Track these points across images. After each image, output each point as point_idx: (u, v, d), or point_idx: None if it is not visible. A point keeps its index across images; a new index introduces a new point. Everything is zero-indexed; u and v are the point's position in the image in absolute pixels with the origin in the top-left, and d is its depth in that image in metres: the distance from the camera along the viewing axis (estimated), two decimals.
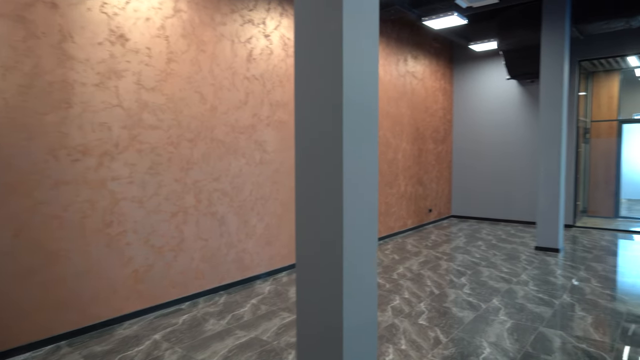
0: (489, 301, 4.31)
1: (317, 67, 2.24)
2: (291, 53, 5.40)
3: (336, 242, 2.20)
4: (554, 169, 6.26)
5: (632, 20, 6.26)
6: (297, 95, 2.34)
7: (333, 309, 2.24)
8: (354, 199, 2.26)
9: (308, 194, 2.31)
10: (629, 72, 9.00)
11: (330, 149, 2.20)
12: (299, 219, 2.38)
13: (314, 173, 2.29)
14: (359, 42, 2.24)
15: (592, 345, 3.32)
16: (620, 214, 9.00)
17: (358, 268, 2.32)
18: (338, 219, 2.19)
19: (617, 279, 5.00)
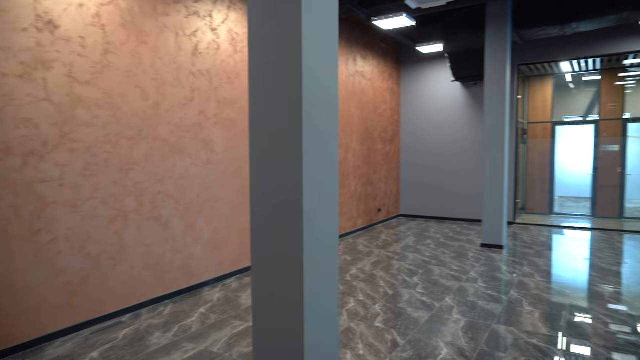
0: (442, 300, 4.33)
1: (274, 61, 2.07)
2: (240, 49, 5.18)
3: (297, 246, 2.05)
4: (498, 168, 6.48)
5: (566, 27, 6.61)
6: (252, 92, 2.17)
7: (293, 315, 2.09)
8: (315, 199, 2.12)
9: (265, 195, 2.15)
10: (561, 78, 9.57)
11: (290, 148, 2.05)
12: (255, 222, 2.21)
13: (271, 173, 2.12)
14: (318, 34, 2.11)
15: (542, 340, 3.41)
16: (554, 210, 9.54)
17: (320, 271, 2.18)
18: (298, 221, 2.04)
19: (558, 273, 5.23)
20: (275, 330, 2.16)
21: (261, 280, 2.20)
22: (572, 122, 9.64)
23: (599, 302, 4.23)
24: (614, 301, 4.24)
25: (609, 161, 8.93)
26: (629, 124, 8.82)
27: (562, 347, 3.27)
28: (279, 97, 2.07)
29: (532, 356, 3.13)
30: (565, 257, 5.98)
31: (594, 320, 3.78)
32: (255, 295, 2.23)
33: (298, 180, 2.03)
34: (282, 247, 2.11)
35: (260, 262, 2.20)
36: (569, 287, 4.68)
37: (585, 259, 5.87)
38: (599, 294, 4.46)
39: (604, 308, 4.06)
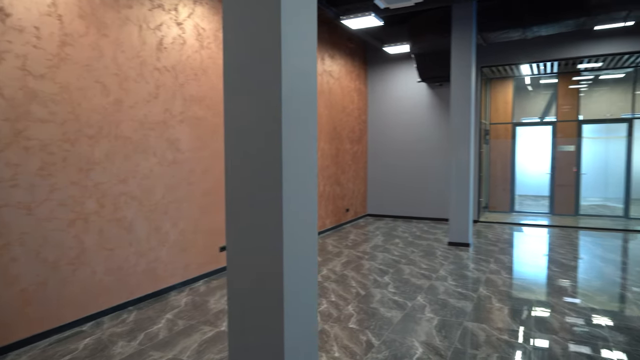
0: (414, 299, 4.35)
1: (252, 57, 1.98)
2: (206, 44, 5.01)
3: (276, 247, 1.97)
4: (464, 168, 6.60)
5: (527, 31, 6.82)
6: (227, 89, 2.06)
7: (272, 319, 2.00)
8: (294, 199, 2.04)
9: (243, 195, 2.04)
10: (521, 80, 9.90)
11: (269, 146, 1.96)
12: (231, 223, 2.10)
13: (249, 173, 2.02)
14: (298, 28, 2.03)
15: (513, 336, 3.46)
16: (515, 208, 9.85)
17: (299, 272, 2.10)
18: (278, 222, 1.95)
19: (522, 269, 5.37)
20: (253, 329, 2.06)
21: (238, 280, 2.10)
22: (532, 123, 9.99)
23: (563, 296, 4.36)
24: (577, 295, 4.38)
25: (565, 161, 9.31)
26: (583, 125, 9.22)
27: (532, 343, 3.33)
28: (256, 95, 1.98)
29: (504, 352, 3.17)
30: (528, 254, 6.16)
31: (559, 314, 3.89)
32: (232, 297, 2.12)
33: (277, 182, 1.94)
34: (262, 245, 2.02)
35: (236, 267, 2.10)
36: (534, 283, 4.81)
37: (545, 254, 6.07)
38: (562, 288, 4.61)
39: (567, 302, 4.19)
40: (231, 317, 2.12)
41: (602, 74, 9.29)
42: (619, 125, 8.95)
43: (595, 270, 5.28)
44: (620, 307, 4.08)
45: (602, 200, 9.84)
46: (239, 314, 2.10)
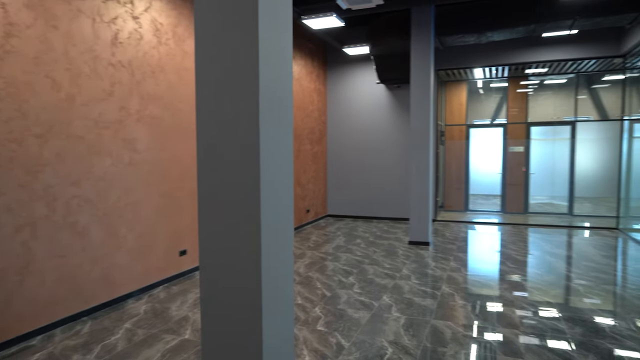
0: (380, 299, 4.37)
1: (226, 55, 1.89)
2: (164, 41, 4.81)
3: (255, 251, 1.88)
4: (424, 168, 6.73)
5: (482, 36, 7.07)
6: (200, 87, 1.96)
7: (251, 319, 1.92)
8: (271, 199, 1.97)
9: (218, 196, 1.95)
10: (474, 83, 10.26)
11: (247, 150, 1.87)
12: (204, 225, 1.99)
13: (225, 174, 1.93)
14: (275, 24, 1.96)
15: (478, 332, 3.55)
16: (469, 207, 10.20)
17: (277, 277, 2.03)
18: (256, 224, 1.87)
19: (481, 266, 5.54)
20: (229, 330, 1.97)
21: (213, 281, 2.00)
22: (484, 125, 10.38)
23: (520, 292, 4.53)
24: (533, 290, 4.57)
25: (515, 161, 9.74)
26: (531, 127, 9.68)
27: (496, 338, 3.42)
28: (232, 95, 1.89)
29: (471, 349, 3.24)
30: (484, 251, 6.37)
31: (519, 309, 4.03)
32: (206, 298, 2.02)
33: (255, 183, 1.87)
34: (237, 255, 1.93)
35: (210, 272, 1.99)
36: (493, 280, 4.97)
37: (500, 251, 6.30)
38: (519, 284, 4.79)
39: (525, 297, 4.36)
40: (205, 318, 2.02)
41: (547, 79, 9.80)
42: (564, 127, 9.47)
43: (546, 265, 5.53)
44: (573, 300, 4.29)
45: (549, 198, 10.37)
46: (214, 315, 2.00)
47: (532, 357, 3.10)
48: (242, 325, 1.93)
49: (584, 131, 9.74)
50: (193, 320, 3.82)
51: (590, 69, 8.83)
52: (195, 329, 3.63)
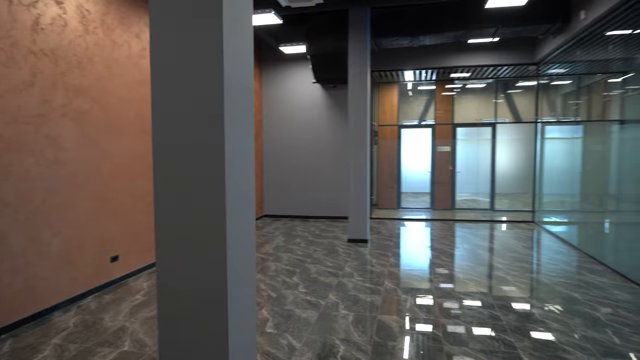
0: (326, 297, 4.37)
1: (188, 53, 1.76)
2: (92, 29, 4.44)
3: (220, 249, 1.78)
4: (362, 167, 6.86)
5: (414, 40, 7.36)
6: (155, 82, 1.81)
7: (215, 321, 1.81)
8: (237, 198, 1.87)
9: (178, 196, 1.81)
10: (404, 85, 10.66)
11: (210, 144, 1.76)
12: (161, 229, 1.85)
13: (187, 171, 1.80)
14: (238, 20, 1.86)
15: (424, 324, 3.67)
16: (402, 205, 10.59)
17: (242, 281, 1.94)
18: (221, 226, 1.77)
19: (418, 261, 5.76)
20: (191, 333, 1.84)
21: (172, 283, 1.86)
22: (414, 126, 10.82)
23: (457, 284, 4.77)
24: (468, 282, 4.83)
25: (443, 160, 10.27)
26: (457, 128, 10.27)
27: (441, 329, 3.56)
28: (196, 95, 1.77)
29: (419, 341, 3.34)
30: (420, 247, 6.64)
31: (458, 300, 4.23)
32: (164, 300, 1.87)
33: (221, 180, 1.76)
34: (204, 245, 1.81)
35: (170, 263, 1.85)
36: (431, 273, 5.18)
37: (432, 246, 6.61)
38: (455, 277, 5.04)
39: (462, 289, 4.59)
40: (162, 321, 1.87)
41: (470, 83, 10.44)
42: (485, 129, 10.15)
43: (477, 258, 5.89)
44: (504, 289, 4.59)
45: (473, 195, 11.07)
46: (173, 318, 1.86)
47: (475, 344, 3.26)
48: (205, 326, 1.82)
49: (503, 132, 10.51)
50: (132, 331, 3.56)
51: (508, 74, 9.55)
52: (135, 340, 3.39)
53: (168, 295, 1.85)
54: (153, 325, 3.66)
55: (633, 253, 5.04)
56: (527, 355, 3.09)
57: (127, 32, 4.97)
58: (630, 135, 6.91)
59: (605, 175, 6.95)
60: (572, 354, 3.11)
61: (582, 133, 8.34)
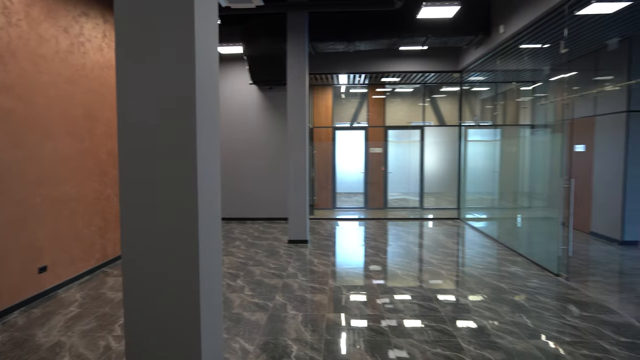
0: (273, 299, 4.40)
1: (153, 44, 1.73)
2: (15, 21, 4.09)
3: (192, 252, 1.77)
4: (301, 168, 6.95)
5: (350, 45, 7.59)
6: (121, 80, 1.76)
7: (188, 323, 1.80)
8: (207, 199, 1.87)
9: (147, 198, 1.77)
10: (338, 88, 10.93)
11: (182, 146, 1.75)
12: (129, 230, 1.80)
13: (158, 173, 1.77)
14: (207, 21, 1.86)
15: (371, 320, 3.84)
16: (337, 205, 10.84)
17: (212, 289, 1.93)
18: (193, 229, 1.76)
19: (358, 260, 5.97)
20: (162, 336, 1.81)
21: (141, 289, 1.81)
22: (348, 128, 11.13)
23: (398, 280, 5.02)
24: (407, 277, 5.11)
25: (375, 161, 10.67)
26: (389, 130, 10.73)
27: (388, 324, 3.75)
28: (166, 96, 1.74)
29: (368, 337, 3.50)
30: (358, 245, 6.87)
31: (401, 295, 4.47)
32: (130, 305, 1.82)
33: (192, 180, 1.75)
34: (174, 247, 1.78)
35: (139, 265, 1.81)
36: (372, 271, 5.40)
37: (370, 244, 6.88)
38: (395, 273, 5.30)
39: (403, 284, 4.85)
40: (129, 326, 1.82)
41: (400, 88, 10.96)
42: (415, 131, 10.71)
43: (412, 254, 6.23)
44: (439, 282, 4.92)
45: (404, 194, 11.61)
46: (140, 321, 1.81)
47: (418, 336, 3.48)
48: (178, 327, 1.80)
49: (431, 135, 11.16)
50: (70, 345, 3.35)
51: (434, 80, 10.16)
52: (75, 355, 3.19)
53: (135, 299, 1.81)
54: (93, 339, 3.47)
55: (543, 244, 5.63)
56: (466, 342, 3.36)
57: (55, 25, 4.64)
58: (538, 139, 7.67)
59: (518, 174, 7.67)
60: (503, 338, 3.44)
61: (499, 136, 9.11)
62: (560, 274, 5.08)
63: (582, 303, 4.21)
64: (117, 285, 4.81)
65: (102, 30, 5.50)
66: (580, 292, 4.54)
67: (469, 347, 3.27)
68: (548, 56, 7.24)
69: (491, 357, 3.11)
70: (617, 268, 5.45)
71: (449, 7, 5.99)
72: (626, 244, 6.53)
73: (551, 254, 5.29)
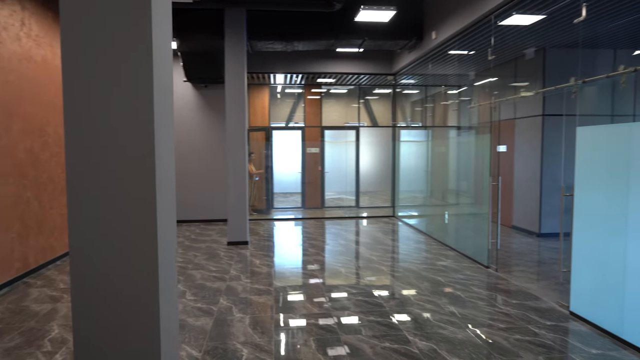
0: (217, 302, 4.28)
1: (111, 56, 1.61)
2: None
3: (152, 256, 1.67)
4: (241, 169, 6.82)
5: (289, 45, 7.58)
6: (72, 87, 1.62)
7: (146, 326, 1.69)
8: (165, 203, 1.77)
9: (100, 195, 1.64)
10: (275, 88, 10.87)
11: (139, 142, 1.64)
12: (77, 237, 1.66)
13: (113, 169, 1.64)
14: (163, 18, 1.76)
15: (319, 318, 3.86)
16: (275, 205, 10.79)
17: (172, 295, 1.84)
18: (152, 222, 1.66)
19: (300, 259, 5.99)
20: (118, 340, 1.69)
21: (91, 296, 1.68)
22: (285, 128, 11.10)
23: (342, 277, 5.10)
24: (351, 275, 5.20)
25: (312, 161, 10.75)
26: (325, 130, 10.85)
27: (337, 321, 3.79)
28: (124, 97, 1.63)
29: (318, 335, 3.51)
30: (298, 245, 6.89)
31: (346, 293, 4.54)
32: (79, 311, 1.68)
33: (151, 177, 1.65)
34: (131, 248, 1.67)
35: (91, 274, 1.67)
36: (315, 270, 5.44)
37: (310, 244, 6.93)
38: (338, 271, 5.37)
39: (348, 282, 4.93)
40: (78, 332, 1.68)
41: (336, 89, 11.14)
42: (350, 131, 10.94)
43: (353, 252, 6.36)
44: (382, 278, 5.07)
45: (341, 193, 11.80)
46: (90, 326, 1.68)
47: (368, 331, 3.57)
48: (135, 330, 1.69)
49: (366, 135, 11.45)
50: None
51: (369, 82, 10.45)
52: None
53: (85, 307, 1.67)
54: (19, 356, 3.16)
55: (473, 239, 6.01)
56: (411, 335, 3.50)
57: None
58: (468, 139, 8.17)
59: (449, 173, 8.11)
60: (445, 328, 3.62)
61: (429, 137, 9.58)
62: (490, 265, 5.45)
63: (511, 292, 4.55)
64: (42, 297, 4.41)
65: (20, 18, 5.01)
66: (508, 281, 4.90)
67: (415, 340, 3.40)
68: (475, 62, 7.73)
69: (436, 348, 3.27)
70: (537, 258, 5.96)
71: (385, 12, 6.19)
72: (543, 236, 7.16)
73: (481, 247, 5.66)
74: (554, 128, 7.11)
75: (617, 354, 3.16)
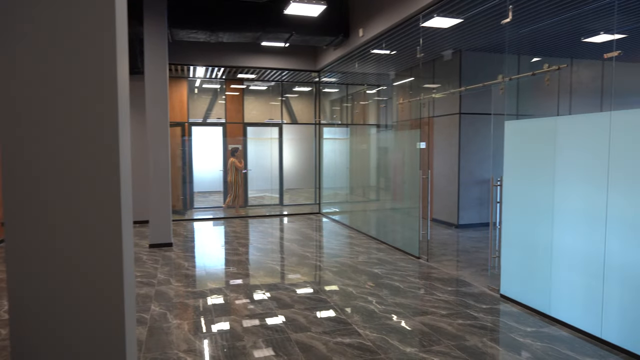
0: (149, 309, 3.91)
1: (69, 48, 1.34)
2: None
3: (116, 261, 1.42)
4: (163, 167, 6.36)
5: (213, 35, 7.23)
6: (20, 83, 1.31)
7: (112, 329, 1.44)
8: (127, 204, 1.52)
9: (53, 190, 1.36)
10: (194, 82, 10.32)
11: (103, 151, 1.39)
12: (14, 249, 1.35)
13: (70, 164, 1.36)
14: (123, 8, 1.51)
15: (262, 318, 3.69)
16: (195, 205, 10.27)
17: (129, 279, 1.59)
18: (117, 222, 1.42)
19: (230, 259, 5.73)
20: None
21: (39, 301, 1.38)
22: (205, 124, 10.60)
23: (277, 276, 4.96)
24: (285, 272, 5.08)
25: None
26: (248, 127, 10.57)
27: (281, 319, 3.65)
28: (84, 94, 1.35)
29: (266, 336, 3.35)
30: (226, 245, 6.60)
31: (285, 290, 4.41)
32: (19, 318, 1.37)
33: (115, 172, 1.40)
34: (91, 246, 1.40)
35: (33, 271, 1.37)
36: (249, 270, 5.23)
37: (236, 243, 6.69)
38: (273, 270, 5.22)
39: (284, 280, 4.80)
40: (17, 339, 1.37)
41: (258, 85, 10.90)
42: (274, 128, 10.77)
43: (286, 250, 6.24)
44: (320, 274, 5.02)
45: (264, 191, 11.57)
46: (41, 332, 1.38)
47: (316, 328, 3.48)
48: (100, 335, 1.42)
49: (290, 132, 11.35)
50: None
51: (291, 79, 10.36)
52: None
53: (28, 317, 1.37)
54: None
55: (404, 232, 6.23)
56: (361, 327, 3.48)
57: None
58: (382, 137, 8.45)
59: (366, 169, 8.33)
60: (391, 319, 3.66)
61: (350, 134, 9.77)
62: (421, 256, 5.67)
63: (444, 280, 4.75)
64: None
65: None
66: (440, 270, 5.13)
67: (365, 332, 3.39)
68: (398, 61, 8.02)
69: (388, 339, 3.28)
70: (461, 247, 6.33)
71: (315, 6, 6.15)
72: (461, 227, 7.64)
73: (412, 239, 5.86)
74: (470, 125, 7.62)
75: (548, 329, 3.42)
